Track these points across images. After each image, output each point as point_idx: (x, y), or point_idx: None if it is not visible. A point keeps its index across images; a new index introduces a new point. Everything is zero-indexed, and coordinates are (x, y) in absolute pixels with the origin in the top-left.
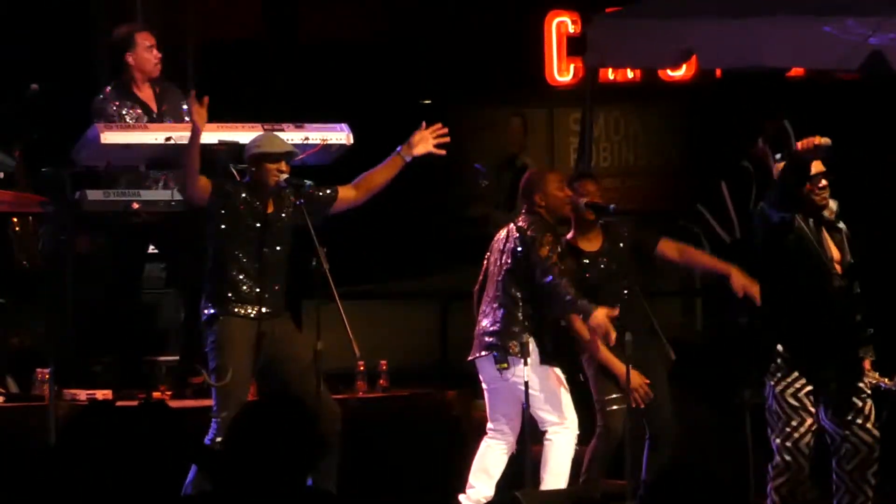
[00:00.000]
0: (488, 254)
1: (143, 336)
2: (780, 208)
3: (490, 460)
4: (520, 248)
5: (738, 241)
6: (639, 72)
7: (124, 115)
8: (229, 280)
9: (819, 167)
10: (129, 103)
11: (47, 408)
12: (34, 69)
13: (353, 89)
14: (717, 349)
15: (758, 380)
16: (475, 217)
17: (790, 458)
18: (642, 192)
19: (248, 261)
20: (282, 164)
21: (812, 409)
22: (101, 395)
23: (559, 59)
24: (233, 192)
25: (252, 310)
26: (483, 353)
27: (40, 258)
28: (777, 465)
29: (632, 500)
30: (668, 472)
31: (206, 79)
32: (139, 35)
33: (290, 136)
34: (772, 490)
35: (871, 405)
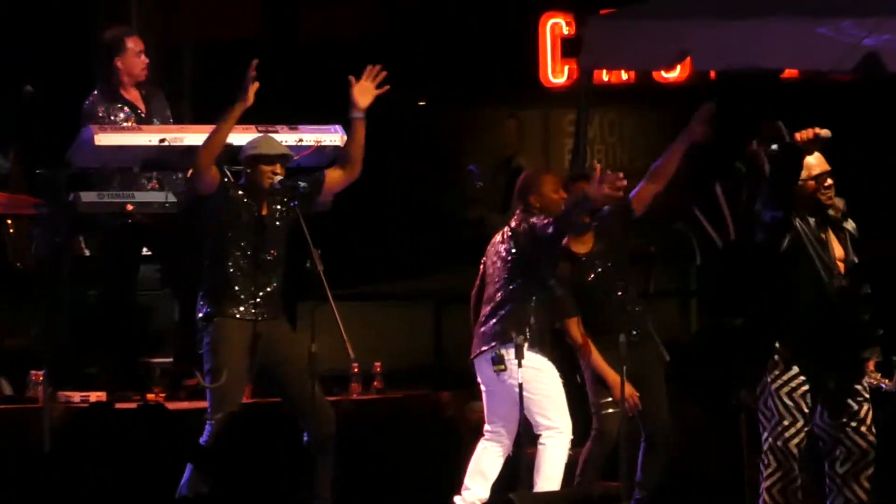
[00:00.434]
0: (485, 258)
1: (137, 338)
2: (772, 207)
3: (486, 462)
4: (514, 250)
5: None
6: (633, 73)
7: (113, 120)
8: (225, 281)
9: (824, 166)
10: (117, 105)
11: (42, 410)
12: (31, 70)
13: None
14: (712, 350)
15: (753, 381)
16: (470, 219)
17: (781, 459)
18: None
19: (244, 262)
20: (277, 166)
21: (806, 411)
22: (96, 397)
23: (554, 60)
24: (230, 191)
25: (247, 311)
26: (483, 349)
27: (35, 260)
28: (768, 465)
29: (627, 502)
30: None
31: (205, 79)
32: (129, 39)
33: (285, 137)
34: (764, 491)
35: (867, 408)
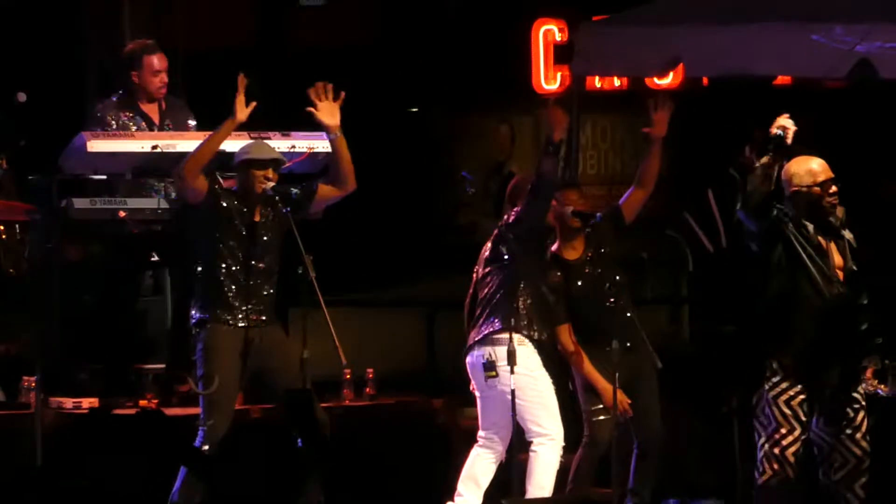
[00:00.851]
0: (477, 266)
1: (129, 344)
2: (752, 217)
3: (479, 469)
4: (498, 248)
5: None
6: (626, 80)
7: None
8: (217, 286)
9: (829, 173)
10: (129, 115)
11: (33, 415)
12: (21, 77)
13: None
14: (705, 357)
15: (745, 388)
16: (463, 225)
17: (777, 466)
18: None
19: (236, 268)
20: (269, 171)
21: (804, 419)
22: (88, 403)
23: (546, 66)
24: (222, 198)
25: (239, 317)
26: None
27: (27, 266)
28: (763, 472)
29: None
30: None
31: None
32: (147, 57)
33: (277, 143)
34: (757, 497)
35: (863, 416)
